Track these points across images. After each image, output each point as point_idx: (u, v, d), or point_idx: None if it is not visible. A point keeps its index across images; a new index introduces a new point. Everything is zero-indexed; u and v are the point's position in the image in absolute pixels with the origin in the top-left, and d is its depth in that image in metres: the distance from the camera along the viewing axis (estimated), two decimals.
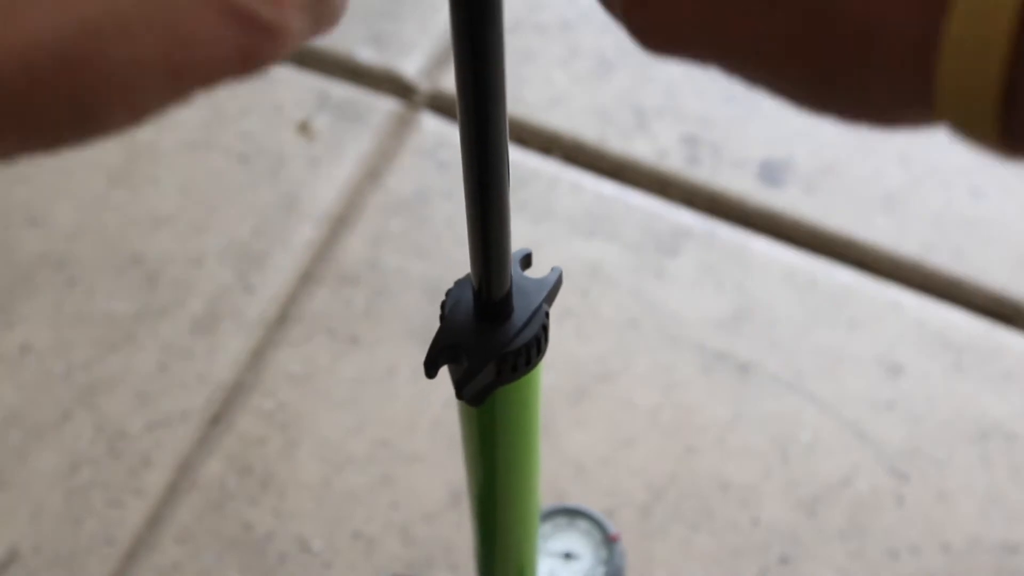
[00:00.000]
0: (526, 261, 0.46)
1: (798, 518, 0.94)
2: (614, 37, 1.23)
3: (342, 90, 1.18)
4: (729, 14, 0.22)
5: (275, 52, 0.26)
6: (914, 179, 1.12)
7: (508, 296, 0.44)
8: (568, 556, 0.74)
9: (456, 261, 1.08)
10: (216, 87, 0.27)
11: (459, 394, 0.45)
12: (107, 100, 0.25)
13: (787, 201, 1.10)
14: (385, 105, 1.17)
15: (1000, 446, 0.98)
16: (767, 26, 0.22)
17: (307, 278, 1.07)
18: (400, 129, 1.16)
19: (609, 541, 0.73)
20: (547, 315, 0.45)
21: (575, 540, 0.74)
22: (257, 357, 1.02)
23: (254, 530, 0.94)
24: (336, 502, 0.95)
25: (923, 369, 1.02)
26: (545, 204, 1.10)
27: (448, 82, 1.19)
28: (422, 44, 1.24)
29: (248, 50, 0.26)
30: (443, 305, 0.46)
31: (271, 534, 0.94)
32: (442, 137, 1.15)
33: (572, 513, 0.76)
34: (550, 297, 0.45)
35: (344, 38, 1.22)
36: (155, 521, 0.95)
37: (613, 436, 0.98)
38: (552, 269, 0.46)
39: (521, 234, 0.42)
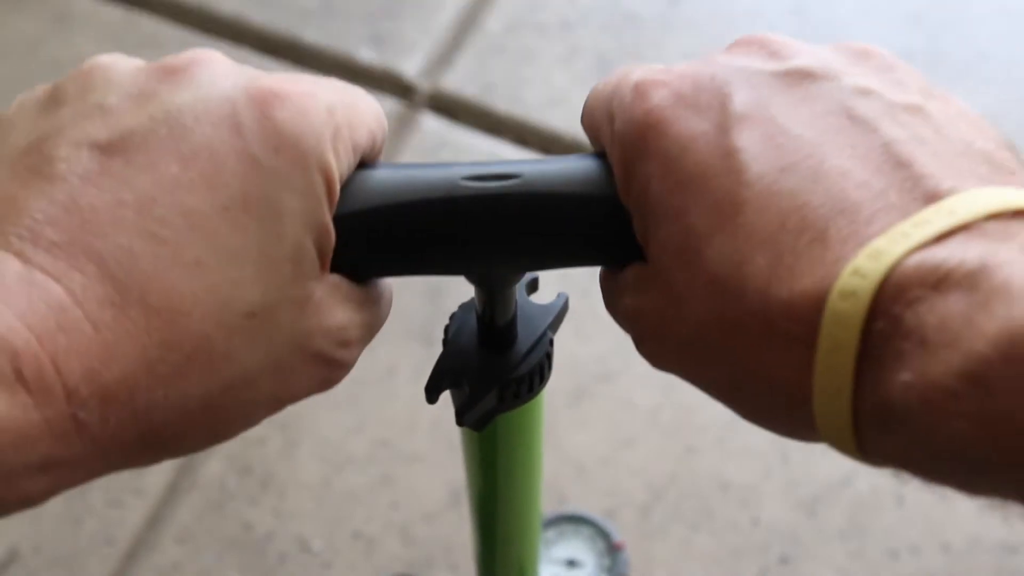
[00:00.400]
0: (532, 286, 0.46)
1: (798, 518, 0.94)
2: (614, 37, 1.22)
3: None
4: (689, 368, 0.35)
5: (344, 375, 0.37)
6: None
7: (512, 322, 0.44)
8: (571, 563, 0.73)
9: None
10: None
11: (460, 421, 0.44)
12: (232, 426, 0.35)
13: None
14: (385, 105, 1.16)
15: None
16: (708, 376, 0.35)
17: None
18: (400, 129, 1.16)
19: (613, 549, 0.73)
20: (551, 343, 0.44)
21: (579, 547, 0.74)
22: None
23: (254, 530, 0.94)
24: (336, 502, 0.95)
25: None
26: None
27: (448, 82, 1.19)
28: (422, 44, 1.23)
29: (328, 379, 0.36)
30: (446, 329, 0.45)
31: (271, 534, 0.94)
32: (442, 137, 1.15)
33: (577, 520, 0.75)
34: (555, 324, 0.45)
35: (344, 38, 1.22)
36: (155, 521, 0.95)
37: (613, 436, 0.98)
38: (558, 295, 0.45)
39: None
